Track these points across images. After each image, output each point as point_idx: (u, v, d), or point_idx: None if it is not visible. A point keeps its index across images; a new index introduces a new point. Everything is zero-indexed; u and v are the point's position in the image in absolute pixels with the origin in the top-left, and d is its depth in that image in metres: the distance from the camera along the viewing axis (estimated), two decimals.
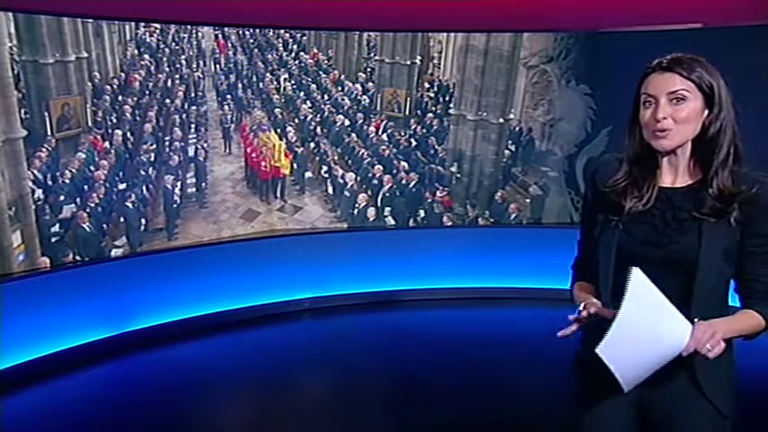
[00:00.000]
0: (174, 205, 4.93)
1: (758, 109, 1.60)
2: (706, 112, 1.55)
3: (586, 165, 1.77)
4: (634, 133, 1.63)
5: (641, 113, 1.58)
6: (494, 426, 3.49)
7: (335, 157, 5.56)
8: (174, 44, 5.09)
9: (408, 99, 5.57)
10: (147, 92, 4.92)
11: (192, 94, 5.14)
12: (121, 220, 4.64)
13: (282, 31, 5.52)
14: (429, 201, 5.57)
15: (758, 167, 1.61)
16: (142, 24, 4.82)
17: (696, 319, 1.52)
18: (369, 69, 5.61)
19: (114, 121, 4.67)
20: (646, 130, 1.57)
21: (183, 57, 5.12)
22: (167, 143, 4.95)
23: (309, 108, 5.56)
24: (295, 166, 5.42)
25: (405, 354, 4.44)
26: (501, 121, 5.49)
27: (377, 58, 5.57)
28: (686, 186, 1.60)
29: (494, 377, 4.04)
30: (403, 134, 5.57)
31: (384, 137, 5.57)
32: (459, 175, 5.60)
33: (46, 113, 4.24)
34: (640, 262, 1.57)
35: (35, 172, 4.21)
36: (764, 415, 3.43)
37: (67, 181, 4.37)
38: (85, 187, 4.47)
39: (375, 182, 5.50)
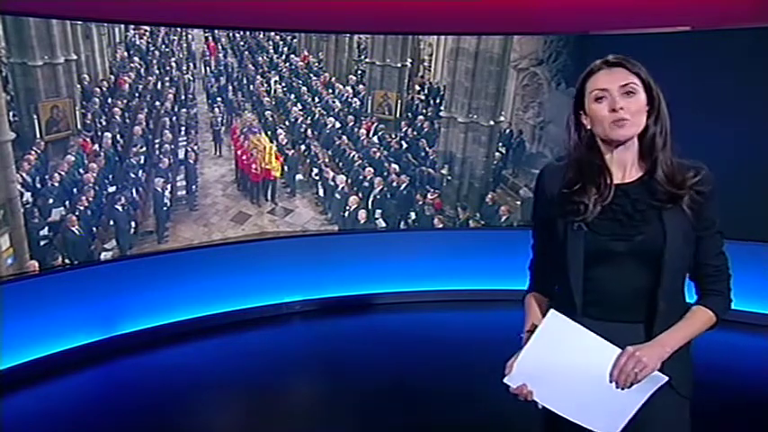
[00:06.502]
0: (164, 208, 4.91)
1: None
2: (647, 106, 1.63)
3: (539, 173, 1.78)
4: (579, 133, 1.68)
5: (594, 109, 1.62)
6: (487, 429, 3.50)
7: (326, 160, 5.55)
8: (163, 46, 5.07)
9: (399, 101, 5.58)
10: (137, 94, 4.90)
11: (183, 97, 5.13)
12: (111, 223, 4.62)
13: (273, 33, 5.52)
14: (420, 203, 5.57)
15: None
16: (132, 26, 4.80)
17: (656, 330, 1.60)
18: (359, 72, 5.61)
19: (104, 123, 4.65)
20: (602, 125, 1.61)
21: (173, 59, 5.10)
22: (157, 146, 4.93)
23: (300, 110, 5.56)
24: (286, 168, 5.41)
25: (395, 356, 4.43)
26: (491, 123, 5.51)
27: (367, 60, 5.58)
28: (637, 179, 1.66)
29: (487, 380, 4.03)
30: (394, 136, 5.58)
31: (375, 139, 5.57)
32: (449, 178, 5.61)
33: (35, 116, 4.22)
34: (610, 257, 1.62)
35: (24, 175, 4.18)
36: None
37: (56, 184, 4.35)
38: (75, 190, 4.44)
39: (366, 184, 5.50)
